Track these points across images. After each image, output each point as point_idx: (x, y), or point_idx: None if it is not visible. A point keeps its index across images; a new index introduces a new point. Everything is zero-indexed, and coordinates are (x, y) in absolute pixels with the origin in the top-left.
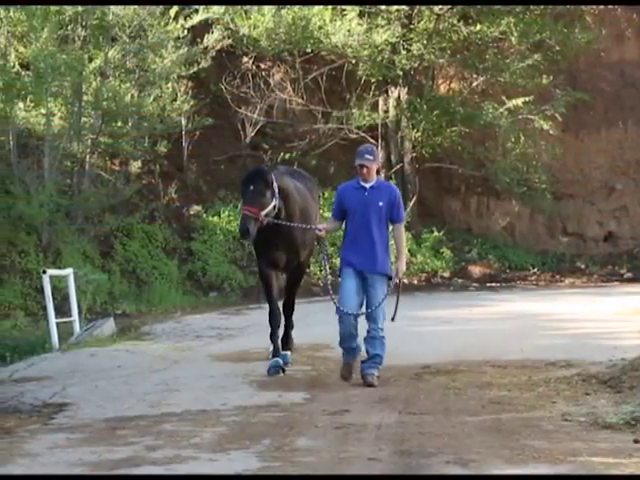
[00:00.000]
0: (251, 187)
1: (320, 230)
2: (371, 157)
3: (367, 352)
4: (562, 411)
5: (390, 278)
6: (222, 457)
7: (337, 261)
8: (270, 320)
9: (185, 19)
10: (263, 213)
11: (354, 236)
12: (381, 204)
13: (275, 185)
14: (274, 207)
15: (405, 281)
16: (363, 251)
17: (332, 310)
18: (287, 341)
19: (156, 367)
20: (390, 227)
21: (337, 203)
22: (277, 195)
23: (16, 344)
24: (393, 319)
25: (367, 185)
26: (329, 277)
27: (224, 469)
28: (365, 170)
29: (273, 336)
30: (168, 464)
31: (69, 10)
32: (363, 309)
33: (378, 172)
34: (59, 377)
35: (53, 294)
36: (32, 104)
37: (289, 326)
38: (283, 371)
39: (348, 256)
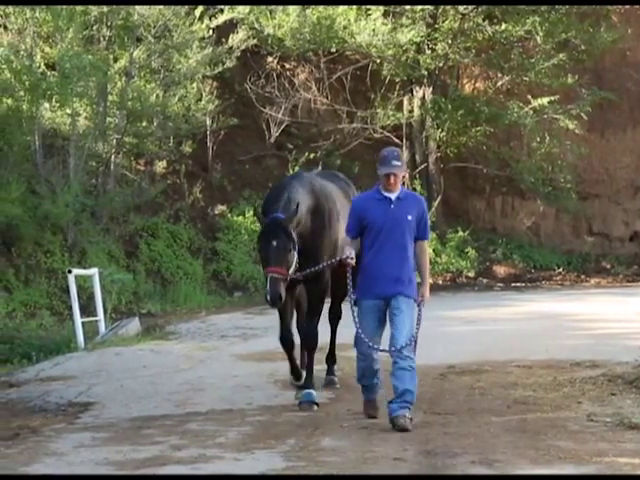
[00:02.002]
0: (274, 243)
1: (352, 259)
2: (399, 163)
3: (395, 388)
4: (588, 411)
5: (415, 301)
6: (247, 457)
7: None
8: (282, 344)
9: (210, 19)
10: (291, 272)
11: (377, 256)
12: (410, 218)
13: (294, 234)
14: (296, 260)
15: (431, 289)
16: (390, 274)
17: None
18: (310, 368)
19: (181, 367)
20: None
21: (354, 218)
22: (297, 244)
23: (42, 343)
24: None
25: (392, 196)
26: (354, 309)
27: (249, 469)
28: (393, 179)
29: (290, 361)
30: (193, 463)
31: (94, 10)
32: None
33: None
34: (84, 376)
35: (78, 294)
36: (58, 104)
37: (311, 347)
38: (316, 405)
39: (369, 284)
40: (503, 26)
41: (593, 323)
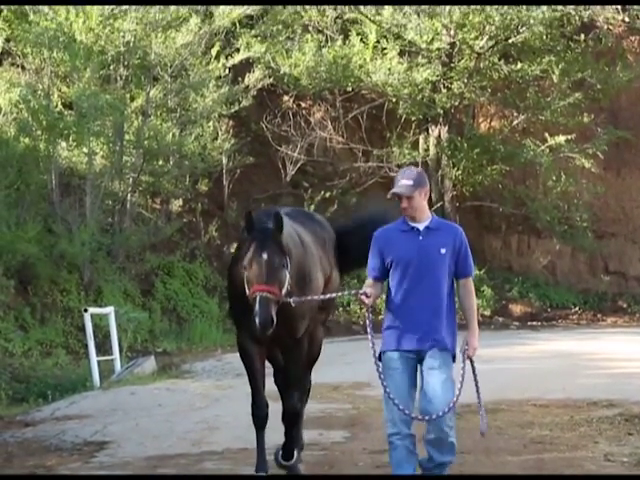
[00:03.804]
0: (264, 256)
1: (368, 296)
2: (410, 182)
3: (430, 456)
4: (605, 451)
5: (454, 358)
6: None
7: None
8: (253, 414)
9: (226, 58)
10: (283, 294)
11: (407, 300)
12: (444, 251)
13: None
14: (289, 281)
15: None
16: (420, 321)
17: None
18: (291, 444)
19: (197, 405)
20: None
21: (376, 255)
22: (289, 262)
23: (57, 382)
24: (482, 433)
25: (420, 225)
26: (379, 364)
27: None
28: (405, 202)
29: (258, 439)
30: None
31: (111, 50)
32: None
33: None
34: (100, 415)
35: (94, 332)
36: (74, 143)
37: (293, 423)
38: None
39: (395, 333)
40: (519, 65)
41: (610, 362)
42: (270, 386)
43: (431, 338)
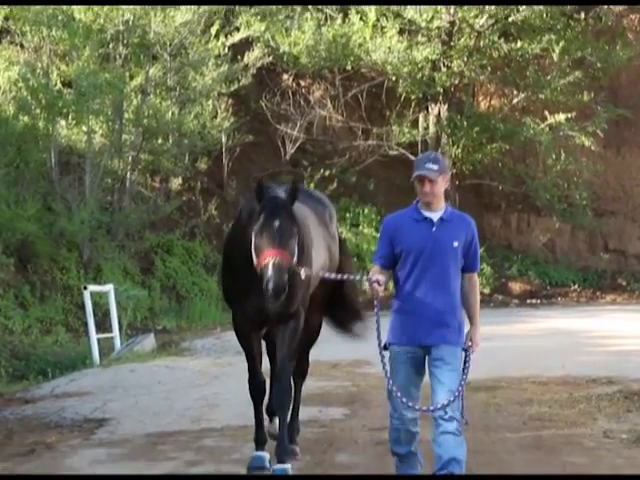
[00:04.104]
0: (276, 223)
1: (380, 284)
2: (436, 167)
3: (438, 458)
4: (603, 428)
5: (465, 351)
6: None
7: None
8: (251, 392)
9: (226, 37)
10: (294, 262)
11: (415, 293)
12: (456, 244)
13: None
14: (297, 254)
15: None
16: (430, 315)
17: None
18: (283, 437)
19: (196, 383)
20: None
21: (385, 242)
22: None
23: (57, 360)
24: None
25: (434, 216)
26: (384, 355)
27: None
28: (428, 186)
29: (257, 415)
30: None
31: (110, 29)
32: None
33: (446, 196)
34: (100, 392)
35: (94, 310)
36: (74, 122)
37: (290, 408)
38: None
39: (404, 326)
40: (519, 44)
41: (609, 340)
42: (267, 364)
43: (440, 333)
